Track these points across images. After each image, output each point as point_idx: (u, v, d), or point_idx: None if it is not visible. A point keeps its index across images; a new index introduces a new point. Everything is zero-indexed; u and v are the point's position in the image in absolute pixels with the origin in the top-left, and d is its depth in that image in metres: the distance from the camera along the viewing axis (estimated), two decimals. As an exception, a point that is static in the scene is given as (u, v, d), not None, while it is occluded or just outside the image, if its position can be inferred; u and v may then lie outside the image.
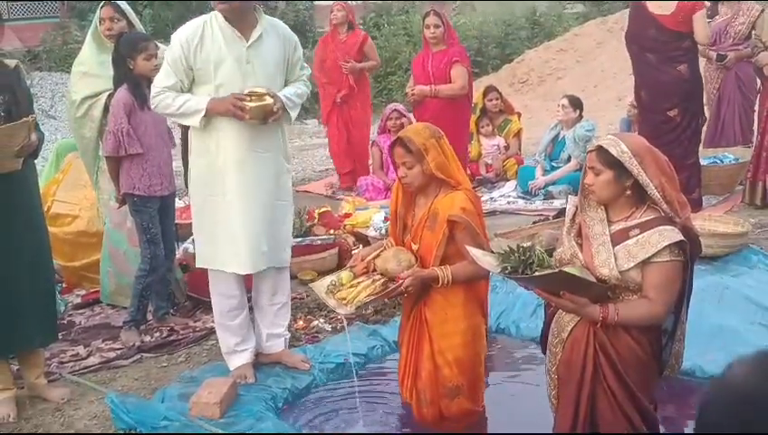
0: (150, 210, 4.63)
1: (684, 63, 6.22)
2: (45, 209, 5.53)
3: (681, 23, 6.08)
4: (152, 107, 4.00)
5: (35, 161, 4.02)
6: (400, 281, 3.24)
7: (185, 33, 3.82)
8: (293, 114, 4.00)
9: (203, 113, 3.79)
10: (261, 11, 3.90)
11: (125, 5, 5.13)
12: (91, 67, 5.06)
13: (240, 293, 4.07)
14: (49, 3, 16.18)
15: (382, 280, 3.33)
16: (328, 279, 3.52)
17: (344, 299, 3.33)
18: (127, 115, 4.47)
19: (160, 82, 3.87)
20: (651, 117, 6.38)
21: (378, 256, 3.45)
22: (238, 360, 4.11)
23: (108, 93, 4.87)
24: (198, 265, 4.10)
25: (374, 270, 3.41)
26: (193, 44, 3.79)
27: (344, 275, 3.46)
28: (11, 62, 3.93)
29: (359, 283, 3.38)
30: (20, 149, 3.71)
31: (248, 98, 3.73)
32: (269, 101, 3.75)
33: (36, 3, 16.22)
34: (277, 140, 4.00)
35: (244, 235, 3.87)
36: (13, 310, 3.83)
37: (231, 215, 3.86)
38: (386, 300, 4.94)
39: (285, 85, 4.00)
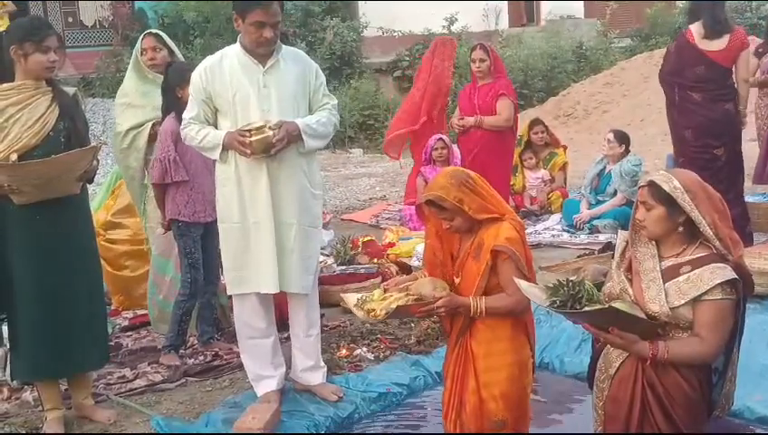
0: (194, 235, 4.70)
1: (730, 101, 6.16)
2: (101, 234, 5.69)
3: (732, 59, 6.05)
4: (182, 139, 4.13)
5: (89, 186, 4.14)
6: (434, 300, 3.22)
7: (204, 65, 3.98)
8: (312, 142, 3.97)
9: (220, 147, 3.90)
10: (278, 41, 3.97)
11: (165, 35, 5.27)
12: (134, 98, 5.16)
13: (266, 320, 4.11)
14: (104, 31, 16.60)
15: (414, 298, 3.27)
16: (359, 295, 3.48)
17: (373, 310, 3.28)
18: (174, 143, 4.55)
19: (186, 113, 4.03)
20: (695, 156, 6.21)
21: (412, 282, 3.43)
22: (265, 387, 4.12)
23: (152, 123, 4.99)
24: (228, 292, 4.17)
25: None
26: (212, 75, 3.92)
27: (376, 292, 3.42)
28: (70, 90, 4.05)
29: (390, 295, 3.32)
30: (83, 173, 3.85)
31: (248, 133, 3.77)
32: (268, 133, 3.78)
33: (91, 31, 16.67)
34: (299, 164, 4.00)
35: (269, 256, 3.91)
36: (69, 334, 3.90)
37: (254, 238, 3.93)
38: (426, 329, 4.96)
39: (310, 113, 4.04)
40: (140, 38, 5.26)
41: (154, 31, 5.38)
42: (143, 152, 5.06)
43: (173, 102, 4.62)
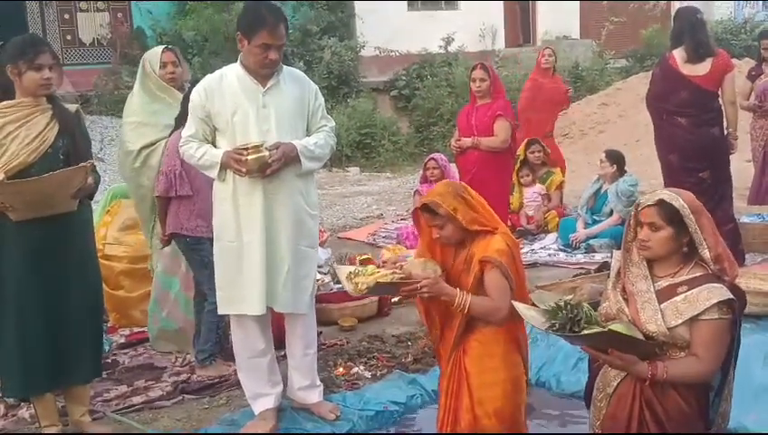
0: (206, 245, 4.67)
1: (716, 125, 6.20)
2: (99, 249, 5.67)
3: (717, 82, 6.09)
4: (181, 156, 4.14)
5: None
6: (419, 280, 3.23)
7: (203, 84, 3.99)
8: (309, 164, 3.98)
9: (218, 166, 3.90)
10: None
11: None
12: (144, 117, 5.14)
13: (263, 339, 4.10)
14: (102, 49, 16.66)
15: (401, 276, 3.30)
16: (353, 267, 3.52)
17: (357, 284, 3.32)
18: (180, 157, 4.57)
19: (185, 132, 4.05)
20: (681, 179, 6.21)
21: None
22: (262, 405, 4.12)
23: (165, 141, 4.99)
24: (220, 311, 4.17)
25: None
26: (211, 93, 3.92)
27: (369, 267, 3.46)
28: (71, 107, 4.07)
29: (378, 271, 3.36)
30: (77, 191, 3.85)
31: (245, 151, 3.77)
32: (265, 153, 3.78)
33: (89, 49, 16.72)
34: (295, 185, 3.99)
35: (258, 276, 3.90)
36: (63, 350, 3.91)
37: (247, 258, 3.92)
38: (423, 348, 4.96)
39: (308, 134, 4.05)
40: (158, 52, 5.19)
41: (170, 46, 5.40)
42: (156, 171, 5.05)
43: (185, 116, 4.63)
